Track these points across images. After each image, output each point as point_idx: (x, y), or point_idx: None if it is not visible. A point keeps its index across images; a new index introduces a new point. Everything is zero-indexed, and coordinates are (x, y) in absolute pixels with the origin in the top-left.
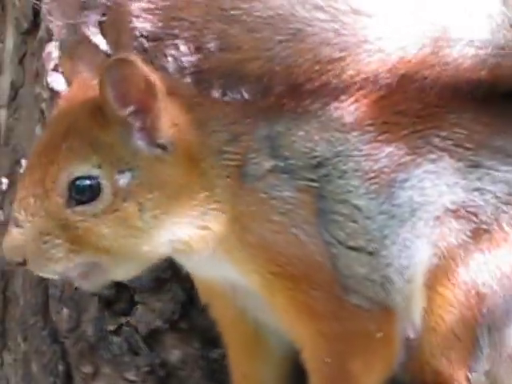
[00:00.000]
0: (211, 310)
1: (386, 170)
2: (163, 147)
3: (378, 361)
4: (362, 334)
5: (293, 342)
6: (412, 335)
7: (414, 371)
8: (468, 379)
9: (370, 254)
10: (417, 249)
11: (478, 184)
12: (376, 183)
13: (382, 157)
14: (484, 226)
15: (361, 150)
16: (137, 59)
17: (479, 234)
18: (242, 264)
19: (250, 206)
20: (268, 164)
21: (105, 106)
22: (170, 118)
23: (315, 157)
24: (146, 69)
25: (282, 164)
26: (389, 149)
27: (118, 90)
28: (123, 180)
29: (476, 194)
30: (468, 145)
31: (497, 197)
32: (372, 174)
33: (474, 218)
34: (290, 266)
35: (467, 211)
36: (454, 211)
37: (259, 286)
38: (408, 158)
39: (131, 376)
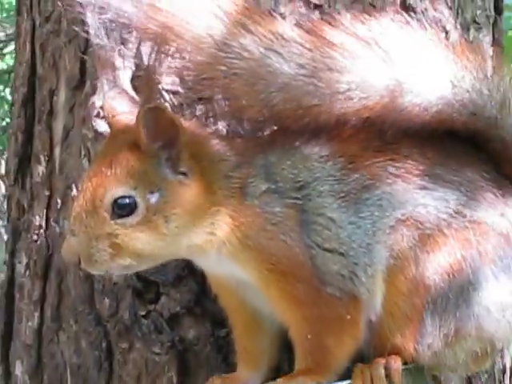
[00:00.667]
0: (219, 298)
1: (353, 191)
2: (184, 174)
3: (347, 338)
4: (335, 317)
5: (282, 322)
6: (374, 318)
7: (377, 346)
8: (416, 349)
9: (341, 254)
10: (377, 251)
11: (422, 200)
12: (346, 201)
13: (350, 181)
14: (428, 232)
15: (334, 176)
16: (165, 107)
17: (424, 238)
18: (243, 263)
19: (249, 218)
20: (263, 186)
21: (140, 142)
22: (189, 151)
23: (299, 181)
24: (172, 114)
25: (273, 186)
26: (355, 175)
27: (150, 130)
28: (153, 199)
29: (421, 207)
30: (416, 172)
31: (437, 209)
32: (342, 194)
33: (420, 226)
34: (280, 264)
35: (415, 220)
36: (404, 221)
37: (257, 281)
38: (370, 182)
39: (157, 350)
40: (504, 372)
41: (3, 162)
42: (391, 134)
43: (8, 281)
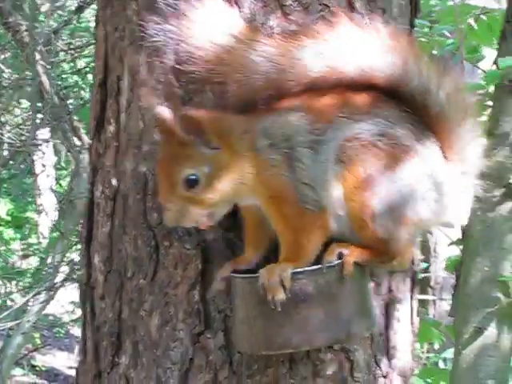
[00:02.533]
0: (243, 212)
1: (318, 138)
2: (217, 148)
3: (317, 237)
4: (309, 222)
5: (275, 229)
6: (342, 213)
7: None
8: (374, 225)
9: (311, 186)
10: (330, 180)
11: (357, 126)
12: (313, 148)
13: (315, 130)
14: (365, 143)
15: (306, 129)
16: (189, 110)
17: (364, 149)
18: (258, 195)
19: (260, 165)
20: (265, 142)
21: (183, 139)
22: (213, 132)
23: (285, 135)
24: (194, 114)
25: (271, 141)
26: (319, 125)
27: (185, 130)
28: (206, 169)
29: (358, 130)
30: (356, 112)
31: (371, 132)
32: (311, 144)
33: (361, 142)
34: (276, 192)
35: (356, 138)
36: (349, 140)
37: (263, 204)
38: (327, 125)
39: (188, 246)
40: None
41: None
42: (338, 91)
43: (89, 201)
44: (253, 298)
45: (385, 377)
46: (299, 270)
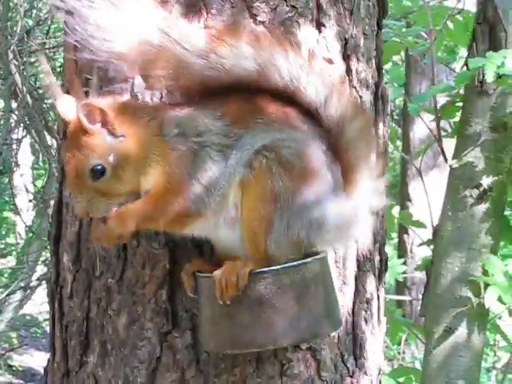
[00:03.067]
0: None
1: (230, 142)
2: (122, 135)
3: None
4: (182, 217)
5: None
6: (233, 214)
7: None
8: (266, 243)
9: (208, 189)
10: (231, 183)
11: (275, 136)
12: (223, 153)
13: (230, 134)
14: (274, 157)
15: (222, 130)
16: (91, 100)
17: (275, 162)
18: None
19: (164, 153)
20: (175, 130)
21: (86, 128)
22: (119, 120)
23: (198, 130)
24: (97, 102)
25: (182, 131)
26: (235, 130)
27: (88, 118)
28: (111, 158)
29: (275, 142)
30: (269, 120)
31: (287, 147)
32: (223, 148)
33: (272, 153)
34: (169, 181)
35: (268, 149)
36: (261, 150)
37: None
38: (243, 131)
39: (156, 246)
40: None
41: None
42: (260, 99)
43: (58, 201)
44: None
45: (351, 376)
46: (265, 269)
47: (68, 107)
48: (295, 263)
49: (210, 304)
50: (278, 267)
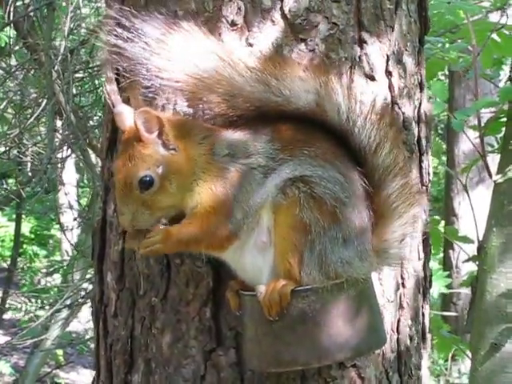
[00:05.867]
0: None
1: (276, 165)
2: (174, 149)
3: (216, 247)
4: (219, 238)
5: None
6: (265, 239)
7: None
8: (300, 275)
9: (245, 211)
10: (265, 207)
11: (317, 172)
12: (268, 174)
13: (278, 158)
14: (310, 191)
15: (270, 153)
16: (151, 109)
17: (309, 195)
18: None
19: (212, 172)
20: (226, 151)
21: (141, 136)
22: (173, 134)
23: (248, 152)
24: (155, 112)
25: (232, 152)
26: (281, 155)
27: (145, 126)
28: (160, 170)
29: (315, 178)
30: (315, 155)
31: (326, 185)
32: (268, 169)
33: (309, 185)
34: (214, 198)
35: (305, 180)
36: (297, 179)
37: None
38: (288, 158)
39: (199, 264)
40: None
41: None
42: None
43: (102, 220)
44: (260, 316)
45: None
46: (307, 287)
47: (125, 116)
48: (338, 281)
49: (253, 322)
50: (319, 286)
